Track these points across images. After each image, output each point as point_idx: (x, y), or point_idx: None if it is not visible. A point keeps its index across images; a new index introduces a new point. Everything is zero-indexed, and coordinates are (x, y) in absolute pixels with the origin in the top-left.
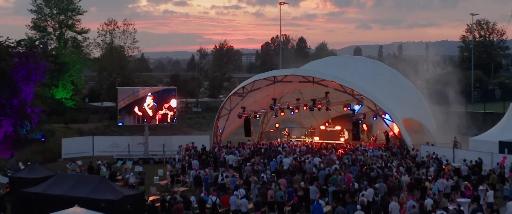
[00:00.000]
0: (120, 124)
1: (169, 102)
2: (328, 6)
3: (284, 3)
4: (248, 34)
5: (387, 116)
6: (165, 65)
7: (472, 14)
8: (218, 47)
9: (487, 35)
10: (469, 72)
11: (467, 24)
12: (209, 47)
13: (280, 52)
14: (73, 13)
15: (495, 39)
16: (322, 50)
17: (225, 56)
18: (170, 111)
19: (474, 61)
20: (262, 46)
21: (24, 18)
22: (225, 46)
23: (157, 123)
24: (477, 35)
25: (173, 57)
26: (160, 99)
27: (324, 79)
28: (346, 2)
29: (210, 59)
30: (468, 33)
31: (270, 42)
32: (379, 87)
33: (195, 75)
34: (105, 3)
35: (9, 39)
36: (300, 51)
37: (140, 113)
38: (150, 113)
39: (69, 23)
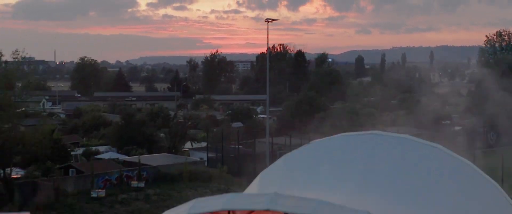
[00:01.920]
0: None
1: None
2: (327, 10)
3: (272, 20)
4: (248, 39)
5: None
6: (157, 74)
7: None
8: (209, 58)
9: (507, 47)
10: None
11: (486, 36)
12: (207, 52)
13: (269, 70)
14: None
15: None
16: (322, 63)
17: (217, 68)
18: None
19: (495, 77)
20: (257, 58)
21: (22, 23)
22: (218, 51)
23: None
24: (497, 46)
25: (172, 62)
26: None
27: None
28: (345, 6)
29: (202, 69)
30: (488, 45)
31: (266, 52)
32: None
33: (162, 109)
34: (104, 7)
35: None
36: (298, 66)
37: None
38: None
39: None
